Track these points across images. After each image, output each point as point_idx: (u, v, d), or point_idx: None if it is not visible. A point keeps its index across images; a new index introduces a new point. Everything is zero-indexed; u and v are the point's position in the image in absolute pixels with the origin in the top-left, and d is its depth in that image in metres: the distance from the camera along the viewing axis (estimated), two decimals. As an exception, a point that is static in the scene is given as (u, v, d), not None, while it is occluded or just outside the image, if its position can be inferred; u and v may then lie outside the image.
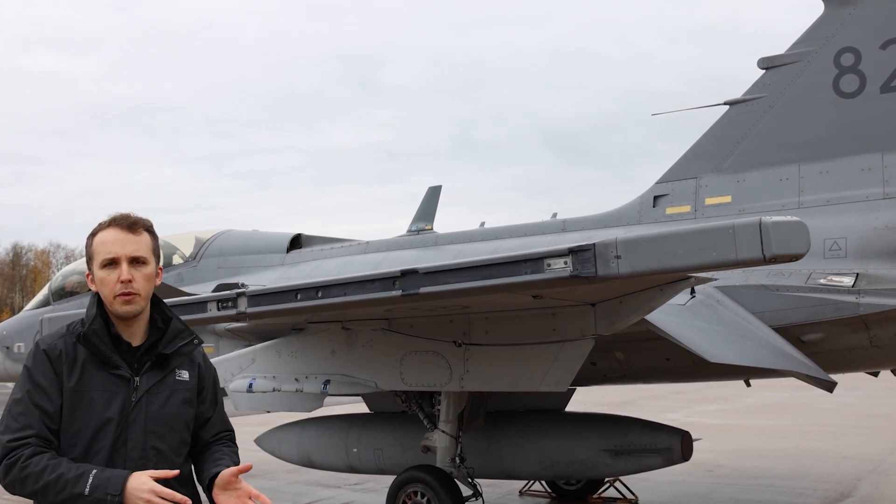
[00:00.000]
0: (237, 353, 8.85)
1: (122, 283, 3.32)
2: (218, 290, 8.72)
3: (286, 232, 12.71)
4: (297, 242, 12.52)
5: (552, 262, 5.01)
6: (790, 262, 4.64)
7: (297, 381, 8.25)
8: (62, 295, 13.28)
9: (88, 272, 3.45)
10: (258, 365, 8.55)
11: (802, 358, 7.49)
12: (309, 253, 12.18)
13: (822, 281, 7.73)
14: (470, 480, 8.61)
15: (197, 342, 3.58)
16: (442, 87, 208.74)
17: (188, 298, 7.66)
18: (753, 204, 8.56)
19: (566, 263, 4.93)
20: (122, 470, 3.19)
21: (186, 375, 3.49)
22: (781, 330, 7.73)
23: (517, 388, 7.56)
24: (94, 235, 3.44)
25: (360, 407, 10.53)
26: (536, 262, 5.08)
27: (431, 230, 11.96)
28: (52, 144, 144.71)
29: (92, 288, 3.43)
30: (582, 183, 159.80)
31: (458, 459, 8.56)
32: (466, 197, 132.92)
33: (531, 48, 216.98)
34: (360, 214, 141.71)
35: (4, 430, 3.23)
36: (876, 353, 7.99)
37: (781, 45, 8.92)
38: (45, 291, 13.81)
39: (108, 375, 3.32)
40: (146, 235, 3.44)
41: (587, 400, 12.98)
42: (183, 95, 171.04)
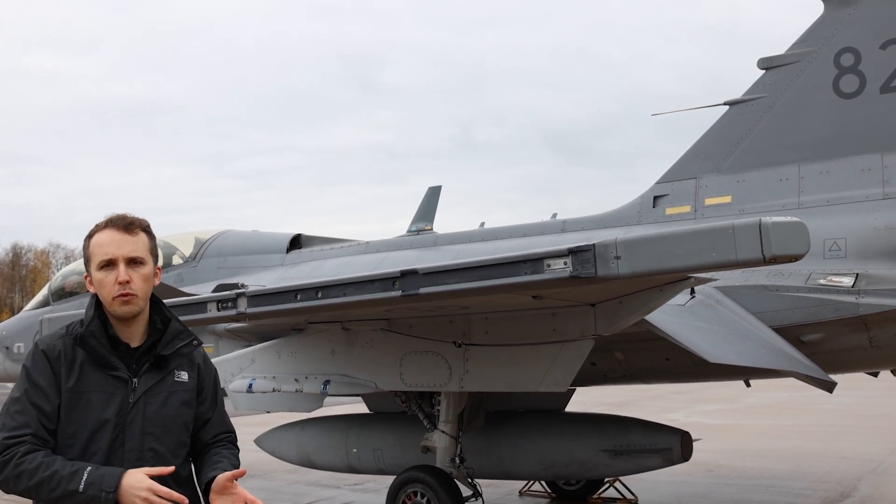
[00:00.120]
0: (237, 353, 8.85)
1: (119, 284, 3.30)
2: (218, 290, 8.71)
3: (286, 232, 12.72)
4: (296, 243, 12.52)
5: (552, 262, 5.01)
6: (790, 262, 4.63)
7: (296, 381, 8.26)
8: (62, 295, 13.28)
9: (86, 274, 3.44)
10: (258, 365, 8.55)
11: (802, 358, 7.49)
12: (309, 253, 12.17)
13: (821, 281, 7.73)
14: (470, 481, 8.61)
15: (196, 343, 3.56)
16: (442, 87, 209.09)
17: (188, 299, 7.66)
18: (753, 204, 8.56)
19: (566, 264, 4.93)
20: (117, 467, 3.18)
21: (186, 376, 3.47)
22: (781, 330, 7.73)
23: (517, 388, 7.56)
24: (90, 237, 3.42)
25: (359, 407, 10.53)
26: (536, 262, 5.08)
27: (431, 230, 11.96)
28: (52, 144, 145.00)
29: (90, 290, 3.42)
30: (582, 183, 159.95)
31: (457, 460, 8.56)
32: (466, 197, 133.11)
33: (531, 48, 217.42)
34: (360, 214, 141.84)
35: (1, 427, 3.23)
36: (876, 353, 7.99)
37: (781, 45, 8.93)
38: (44, 292, 13.81)
39: (105, 376, 3.31)
40: (143, 236, 3.42)
41: (587, 400, 12.98)
42: (183, 95, 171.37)
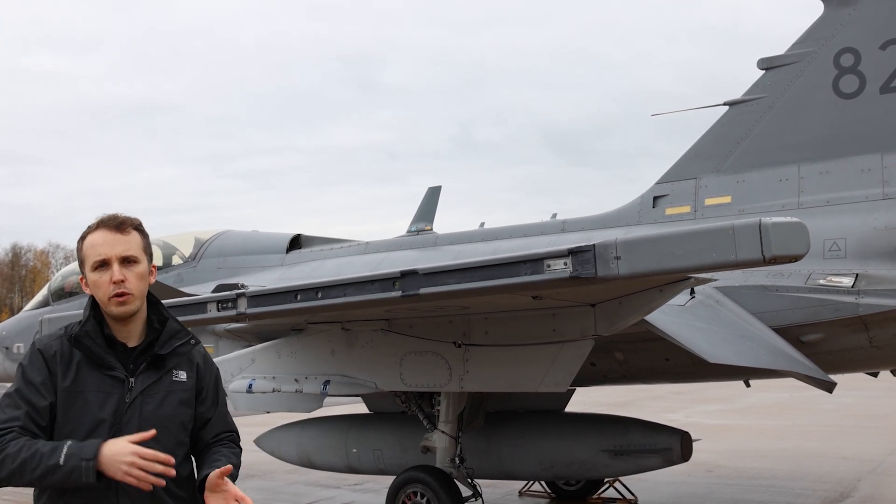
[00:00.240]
0: (237, 353, 8.85)
1: (114, 284, 3.30)
2: (217, 290, 8.71)
3: (286, 232, 12.72)
4: (296, 243, 12.52)
5: (552, 262, 5.00)
6: (790, 262, 4.63)
7: (296, 381, 8.25)
8: (62, 295, 13.28)
9: (81, 276, 3.43)
10: (258, 365, 8.55)
11: (802, 358, 7.49)
12: (308, 253, 12.17)
13: (821, 281, 7.73)
14: (469, 481, 8.61)
15: (194, 342, 3.55)
16: (442, 87, 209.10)
17: (188, 299, 7.65)
18: (753, 204, 8.56)
19: (566, 264, 4.93)
20: (97, 438, 3.17)
21: (184, 376, 3.46)
22: (781, 330, 7.73)
23: (517, 388, 7.55)
24: (83, 239, 3.42)
25: (359, 407, 10.52)
26: (536, 262, 5.08)
27: (431, 231, 11.96)
28: (52, 144, 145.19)
29: (86, 291, 3.42)
30: (582, 183, 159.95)
31: (457, 460, 8.56)
32: (466, 197, 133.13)
33: (531, 48, 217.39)
34: (360, 215, 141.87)
35: None
36: (875, 353, 7.99)
37: (781, 45, 8.93)
38: (44, 292, 13.82)
39: (102, 376, 3.31)
40: (135, 234, 3.42)
41: (587, 400, 12.96)
42: (183, 95, 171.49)
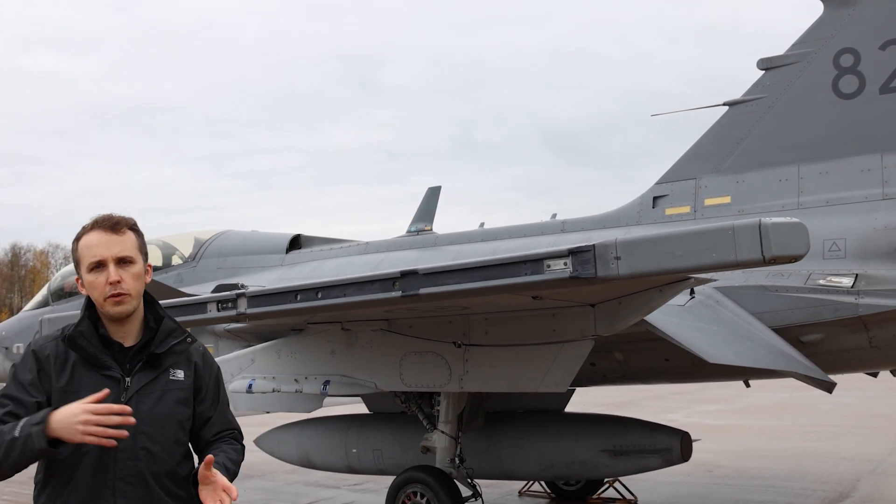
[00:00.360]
0: (237, 353, 8.85)
1: (110, 284, 3.30)
2: (217, 290, 8.71)
3: (285, 232, 12.72)
4: (296, 243, 12.53)
5: (552, 263, 5.00)
6: (790, 263, 4.64)
7: (296, 381, 8.25)
8: (61, 295, 13.29)
9: (77, 277, 3.43)
10: (258, 365, 8.55)
11: (802, 358, 7.49)
12: (308, 253, 12.17)
13: (821, 282, 7.73)
14: (469, 481, 8.61)
15: (190, 340, 3.54)
16: (442, 87, 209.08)
17: (188, 299, 7.66)
18: (753, 205, 8.56)
19: (566, 264, 4.93)
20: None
21: (181, 375, 3.46)
22: (781, 330, 7.74)
23: (517, 388, 7.55)
24: (78, 240, 3.42)
25: (359, 407, 10.52)
26: (536, 263, 5.07)
27: (431, 231, 11.96)
28: (52, 144, 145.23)
29: (83, 292, 3.42)
30: (582, 183, 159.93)
31: (457, 460, 8.56)
32: (466, 197, 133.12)
33: (531, 48, 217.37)
34: (360, 215, 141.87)
35: None
36: (875, 353, 7.99)
37: (781, 45, 8.93)
38: (44, 292, 13.83)
39: (98, 376, 3.31)
40: (130, 234, 3.41)
41: (587, 400, 12.97)
42: (183, 95, 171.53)
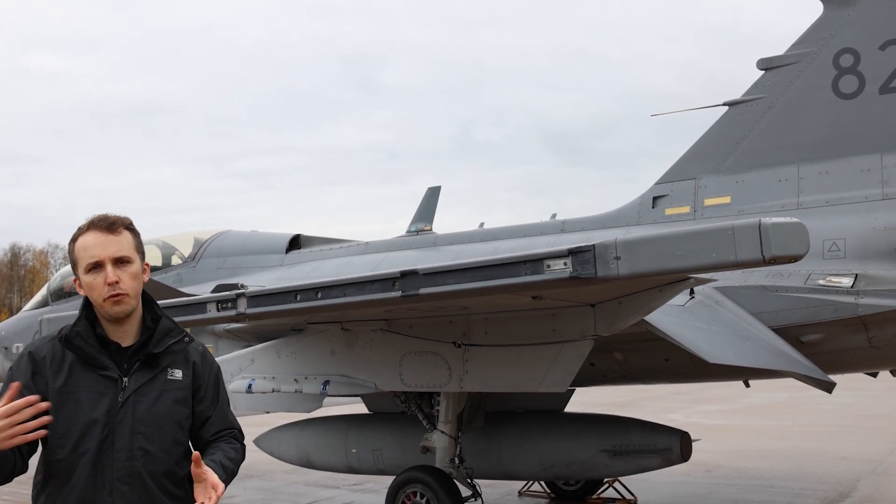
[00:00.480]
0: (236, 353, 8.85)
1: (108, 285, 3.29)
2: (217, 290, 8.71)
3: (285, 232, 12.73)
4: (296, 243, 12.53)
5: (552, 263, 5.00)
6: (789, 263, 4.64)
7: (296, 381, 8.25)
8: (61, 295, 13.29)
9: (75, 277, 3.41)
10: (257, 365, 8.55)
11: (801, 359, 7.49)
12: (308, 253, 12.17)
13: (821, 282, 7.73)
14: (469, 481, 8.61)
15: (187, 339, 3.53)
16: (442, 87, 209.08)
17: (188, 299, 7.65)
18: (753, 205, 8.56)
19: (566, 264, 4.93)
20: None
21: (179, 374, 3.44)
22: (780, 330, 7.74)
23: (517, 388, 7.55)
24: (74, 241, 3.40)
25: (359, 407, 10.52)
26: (536, 263, 5.08)
27: (430, 231, 11.96)
28: (52, 144, 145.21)
29: (81, 293, 3.40)
30: (582, 183, 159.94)
31: (457, 460, 8.56)
32: (466, 197, 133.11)
33: (531, 48, 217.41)
34: (360, 215, 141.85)
35: None
36: (875, 353, 7.99)
37: (781, 45, 8.93)
38: (43, 292, 13.83)
39: (95, 376, 3.30)
40: (127, 234, 3.39)
41: (586, 400, 12.98)
42: (183, 95, 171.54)
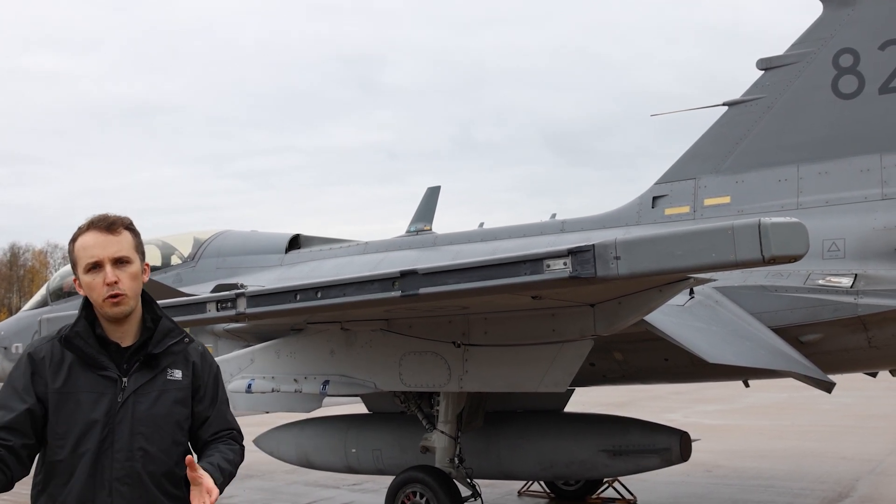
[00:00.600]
0: (236, 353, 8.85)
1: (108, 285, 3.28)
2: (216, 290, 8.70)
3: (285, 232, 12.72)
4: (295, 243, 12.52)
5: (551, 262, 5.00)
6: (789, 263, 4.64)
7: (295, 381, 8.25)
8: (60, 295, 13.28)
9: (75, 277, 3.40)
10: (257, 365, 8.54)
11: (801, 358, 7.49)
12: (308, 253, 12.17)
13: (820, 282, 7.73)
14: (469, 481, 8.61)
15: (187, 340, 3.52)
16: (442, 87, 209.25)
17: (187, 299, 7.64)
18: (752, 205, 8.56)
19: (565, 264, 4.93)
20: None
21: (179, 375, 3.43)
22: (780, 330, 7.74)
23: (516, 388, 7.55)
24: (74, 241, 3.39)
25: (358, 407, 10.52)
26: (536, 262, 5.08)
27: (430, 231, 11.95)
28: (52, 144, 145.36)
29: (80, 293, 3.39)
30: (582, 183, 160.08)
31: (456, 460, 8.56)
32: (466, 197, 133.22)
33: (531, 48, 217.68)
34: (360, 215, 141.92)
35: None
36: (874, 353, 7.99)
37: (781, 45, 8.93)
38: (42, 292, 13.82)
39: (95, 377, 3.29)
40: (127, 234, 3.38)
41: (586, 400, 12.97)
42: (183, 95, 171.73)
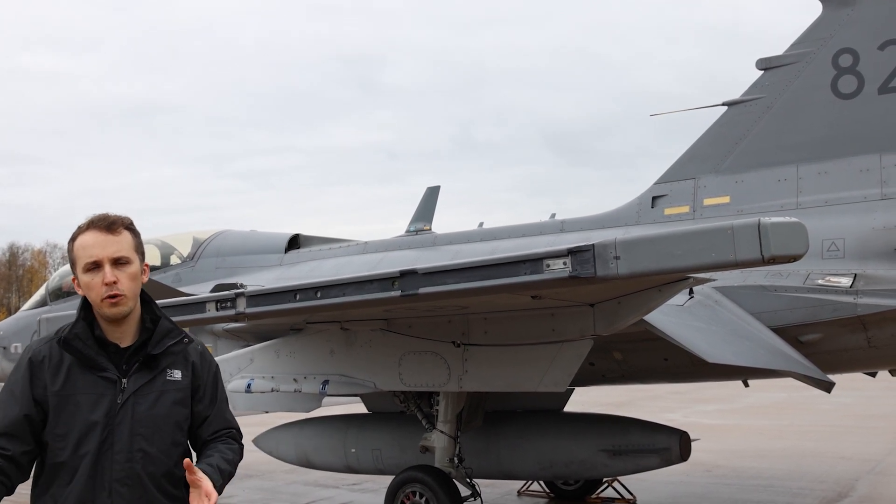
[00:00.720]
0: (235, 353, 8.84)
1: (106, 285, 3.26)
2: (216, 290, 8.69)
3: (284, 232, 12.71)
4: (295, 243, 12.52)
5: (551, 262, 5.00)
6: (789, 262, 4.64)
7: (295, 381, 8.25)
8: (59, 295, 13.27)
9: (74, 277, 3.39)
10: (256, 365, 8.54)
11: (800, 358, 7.49)
12: (307, 253, 12.16)
13: (820, 281, 7.73)
14: (468, 480, 8.61)
15: (187, 340, 3.51)
16: (442, 87, 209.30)
17: (187, 299, 7.64)
18: (752, 204, 8.57)
19: (565, 264, 4.93)
20: None
21: (179, 375, 3.42)
22: (780, 330, 7.74)
23: (516, 388, 7.56)
24: (73, 240, 3.38)
25: (358, 407, 10.52)
26: (535, 262, 5.08)
27: (430, 230, 11.95)
28: (52, 144, 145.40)
29: (79, 292, 3.37)
30: (582, 183, 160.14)
31: (456, 459, 8.56)
32: (466, 197, 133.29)
33: (531, 48, 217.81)
34: (360, 214, 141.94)
35: None
36: (874, 353, 7.99)
37: (781, 45, 8.93)
38: (42, 292, 13.81)
39: (94, 378, 3.28)
40: (126, 234, 3.37)
41: (586, 400, 12.97)
42: (183, 95, 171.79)
